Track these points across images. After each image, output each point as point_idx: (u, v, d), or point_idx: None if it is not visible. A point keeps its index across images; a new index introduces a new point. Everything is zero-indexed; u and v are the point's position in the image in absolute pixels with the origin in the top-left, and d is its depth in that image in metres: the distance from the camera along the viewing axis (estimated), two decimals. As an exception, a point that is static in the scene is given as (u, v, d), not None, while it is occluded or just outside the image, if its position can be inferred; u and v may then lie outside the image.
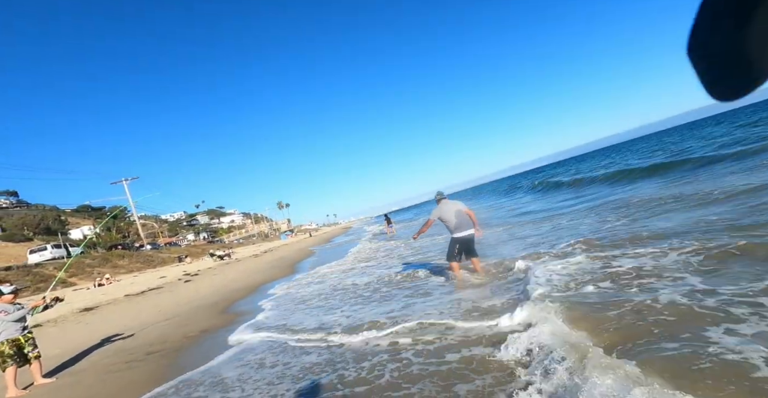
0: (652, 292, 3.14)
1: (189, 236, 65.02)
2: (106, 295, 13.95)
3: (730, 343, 2.18)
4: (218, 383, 3.34)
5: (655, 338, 2.42)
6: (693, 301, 2.81)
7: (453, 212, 5.33)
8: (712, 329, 2.38)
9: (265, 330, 4.76)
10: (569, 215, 9.69)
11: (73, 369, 4.84)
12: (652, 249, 4.30)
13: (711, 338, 2.28)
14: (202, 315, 6.89)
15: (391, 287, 5.97)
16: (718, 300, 2.74)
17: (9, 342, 4.32)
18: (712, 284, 3.05)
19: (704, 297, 2.84)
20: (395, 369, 2.88)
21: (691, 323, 2.52)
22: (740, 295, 2.74)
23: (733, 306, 2.61)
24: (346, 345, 3.66)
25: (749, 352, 2.06)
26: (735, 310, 2.54)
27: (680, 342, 2.30)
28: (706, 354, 2.12)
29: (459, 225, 5.26)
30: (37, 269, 21.66)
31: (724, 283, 3.02)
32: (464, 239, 5.29)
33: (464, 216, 5.31)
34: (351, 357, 3.32)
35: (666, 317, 2.67)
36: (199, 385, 3.38)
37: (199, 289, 11.43)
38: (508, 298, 4.01)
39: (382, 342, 3.49)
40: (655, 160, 16.91)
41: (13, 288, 4.83)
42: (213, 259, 26.60)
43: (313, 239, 40.06)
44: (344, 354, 3.42)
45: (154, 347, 5.10)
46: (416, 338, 3.40)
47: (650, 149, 26.68)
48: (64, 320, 9.93)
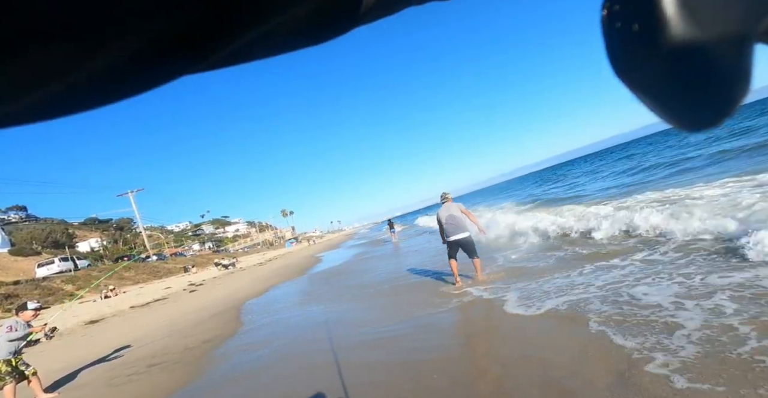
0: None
1: (194, 246, 65.35)
2: (111, 307, 14.01)
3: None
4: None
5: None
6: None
7: (444, 217, 5.51)
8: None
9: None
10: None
11: (75, 383, 4.83)
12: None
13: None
14: (204, 326, 6.87)
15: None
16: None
17: (3, 361, 4.24)
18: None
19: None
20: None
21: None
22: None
23: None
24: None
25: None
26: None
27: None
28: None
29: (447, 230, 5.46)
30: (45, 282, 21.85)
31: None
32: (455, 243, 5.43)
33: (456, 220, 5.42)
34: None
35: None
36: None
37: (202, 300, 11.42)
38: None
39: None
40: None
41: (38, 306, 4.71)
42: (218, 268, 26.67)
43: (317, 246, 40.03)
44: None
45: (155, 359, 5.08)
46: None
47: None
48: (71, 333, 9.97)
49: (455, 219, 5.43)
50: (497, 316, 3.72)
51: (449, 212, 5.48)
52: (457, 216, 5.44)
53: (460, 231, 5.39)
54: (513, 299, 4.08)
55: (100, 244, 44.73)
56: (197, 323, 7.38)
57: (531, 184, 40.32)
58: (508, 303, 3.99)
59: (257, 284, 12.54)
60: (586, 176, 24.96)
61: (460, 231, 5.39)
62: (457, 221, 5.43)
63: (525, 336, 3.10)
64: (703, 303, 2.81)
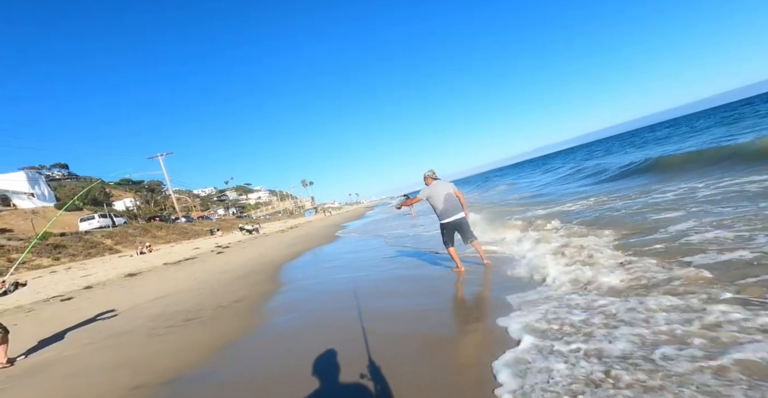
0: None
1: (219, 210, 68.28)
2: (146, 263, 14.93)
3: None
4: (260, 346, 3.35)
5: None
6: None
7: (443, 195, 5.02)
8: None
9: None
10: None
11: (118, 329, 5.13)
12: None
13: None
14: (233, 286, 7.11)
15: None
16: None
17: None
18: None
19: None
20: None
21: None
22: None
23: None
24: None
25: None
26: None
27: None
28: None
29: (445, 210, 5.01)
30: (87, 236, 23.54)
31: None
32: (452, 224, 5.04)
33: (453, 200, 5.02)
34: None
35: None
36: (237, 357, 3.41)
37: (230, 261, 11.89)
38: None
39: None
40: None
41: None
42: (242, 233, 27.76)
43: (335, 217, 40.61)
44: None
45: (191, 314, 5.29)
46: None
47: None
48: (112, 283, 10.72)
49: (453, 198, 5.02)
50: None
51: (447, 191, 5.02)
52: (454, 195, 5.06)
53: (459, 211, 5.03)
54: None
55: (133, 204, 47.41)
56: (226, 283, 7.66)
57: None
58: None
59: (282, 249, 12.88)
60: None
61: (459, 211, 5.03)
62: (455, 200, 5.04)
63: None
64: None
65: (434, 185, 5.14)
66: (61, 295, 9.52)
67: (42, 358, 4.40)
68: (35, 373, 3.86)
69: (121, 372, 3.42)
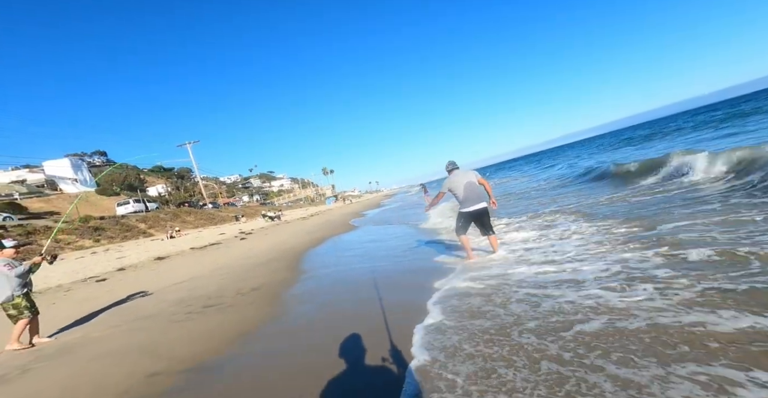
0: None
1: (244, 197, 70.49)
2: (175, 246, 15.57)
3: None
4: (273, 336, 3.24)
5: None
6: None
7: (463, 184, 4.86)
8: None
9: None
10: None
11: (141, 313, 5.24)
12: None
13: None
14: (254, 273, 7.14)
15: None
16: None
17: (22, 296, 4.33)
18: None
19: None
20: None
21: None
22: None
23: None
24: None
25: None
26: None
27: None
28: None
29: (467, 198, 4.83)
30: (123, 220, 24.94)
31: None
32: (472, 214, 4.84)
33: (475, 188, 4.84)
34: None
35: None
36: (255, 341, 3.31)
37: (252, 247, 12.11)
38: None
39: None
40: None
41: (15, 243, 4.58)
42: (265, 220, 28.47)
43: (354, 205, 40.72)
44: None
45: (211, 300, 5.31)
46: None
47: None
48: (143, 266, 11.22)
49: (475, 186, 4.86)
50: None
51: (467, 179, 4.88)
52: (476, 184, 4.86)
53: (482, 200, 4.83)
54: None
55: (165, 190, 49.80)
56: (248, 269, 7.73)
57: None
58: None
59: (302, 237, 12.97)
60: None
61: (482, 200, 4.83)
62: (477, 188, 4.86)
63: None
64: None
65: (453, 175, 5.08)
66: (97, 276, 10.06)
67: (71, 339, 4.55)
68: (62, 354, 3.97)
69: (141, 359, 3.42)
